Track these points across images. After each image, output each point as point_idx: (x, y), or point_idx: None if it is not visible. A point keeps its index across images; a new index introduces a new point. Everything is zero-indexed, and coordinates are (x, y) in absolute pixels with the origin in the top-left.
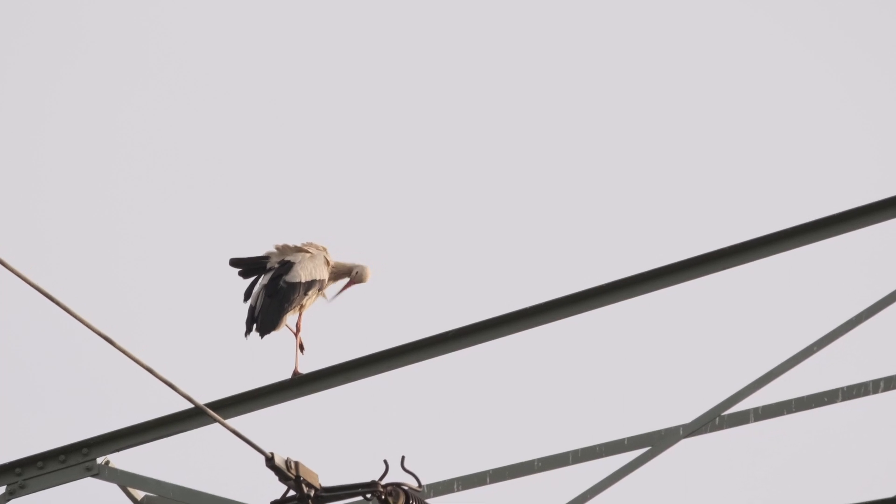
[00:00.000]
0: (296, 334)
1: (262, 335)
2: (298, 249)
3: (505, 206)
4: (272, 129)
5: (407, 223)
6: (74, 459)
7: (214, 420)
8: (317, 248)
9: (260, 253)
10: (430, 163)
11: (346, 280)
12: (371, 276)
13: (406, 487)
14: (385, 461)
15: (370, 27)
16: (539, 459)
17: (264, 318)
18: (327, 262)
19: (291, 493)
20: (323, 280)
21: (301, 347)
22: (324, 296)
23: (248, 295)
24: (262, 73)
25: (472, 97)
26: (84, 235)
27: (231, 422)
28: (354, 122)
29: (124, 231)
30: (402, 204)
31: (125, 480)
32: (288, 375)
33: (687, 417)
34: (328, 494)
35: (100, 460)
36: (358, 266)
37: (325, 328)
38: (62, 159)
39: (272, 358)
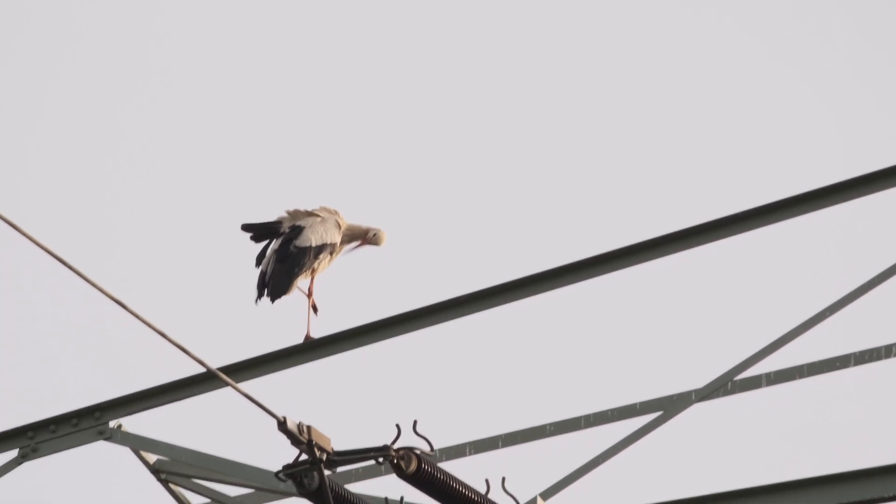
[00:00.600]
0: (308, 297)
1: (272, 300)
2: (309, 214)
3: (520, 172)
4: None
5: (420, 189)
6: (87, 423)
7: (226, 384)
8: (329, 211)
9: (272, 218)
10: (442, 134)
11: (360, 242)
12: (386, 239)
13: (418, 452)
14: (397, 425)
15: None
16: (551, 424)
17: (275, 282)
18: (339, 226)
19: (303, 456)
20: (334, 244)
21: (314, 308)
22: (338, 255)
23: (259, 260)
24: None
25: (477, 75)
26: (96, 198)
27: (243, 386)
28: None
29: (137, 195)
30: (414, 172)
31: (137, 444)
32: (300, 339)
33: (699, 382)
34: (340, 458)
35: (112, 424)
36: (374, 228)
37: (338, 292)
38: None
39: (284, 322)
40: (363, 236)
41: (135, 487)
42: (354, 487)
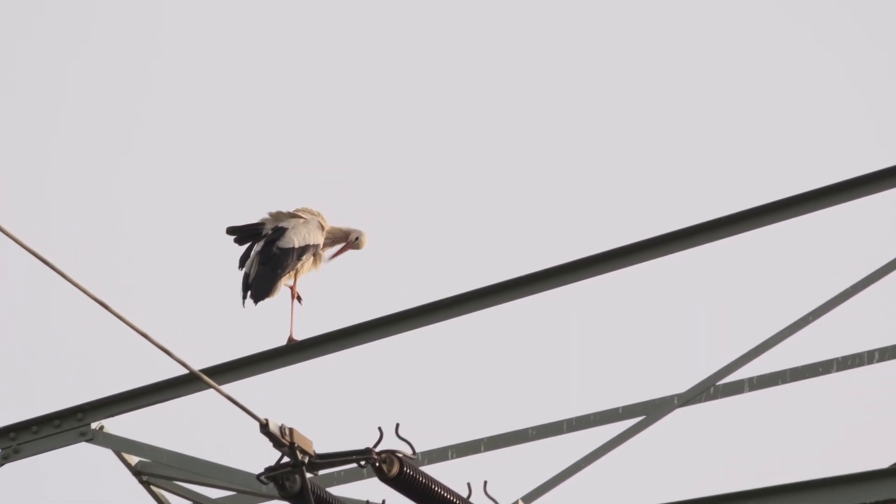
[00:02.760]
0: (292, 300)
1: (256, 302)
2: (292, 215)
3: (502, 176)
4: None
5: (403, 192)
6: (69, 424)
7: (209, 386)
8: (311, 212)
9: (255, 220)
10: (428, 136)
11: (342, 244)
12: (368, 242)
13: (400, 455)
14: (379, 428)
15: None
16: (533, 428)
17: (258, 284)
18: (322, 227)
19: (285, 459)
20: (317, 245)
21: (299, 299)
22: (320, 259)
23: (242, 262)
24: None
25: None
26: (81, 203)
27: (226, 388)
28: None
29: (122, 199)
30: (399, 173)
31: (119, 446)
32: (283, 342)
33: (682, 387)
34: (322, 461)
35: (94, 425)
36: (356, 231)
37: (321, 295)
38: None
39: (268, 324)
40: (345, 239)
41: (117, 489)
42: (336, 490)
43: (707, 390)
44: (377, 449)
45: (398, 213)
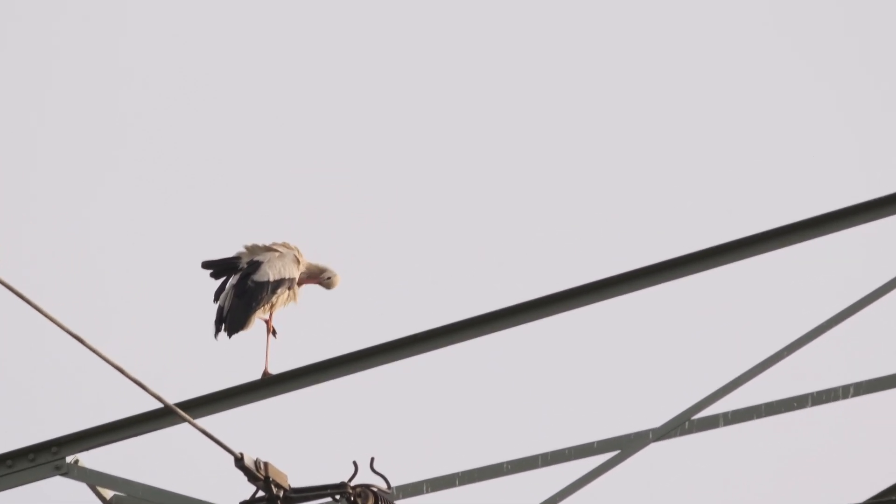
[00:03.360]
0: (267, 334)
1: (230, 335)
2: (268, 249)
3: (479, 207)
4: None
5: (390, 224)
6: (43, 458)
7: (184, 420)
8: (287, 247)
9: (231, 254)
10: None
11: (313, 280)
12: (338, 285)
13: (375, 489)
14: (354, 462)
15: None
16: (509, 462)
17: (232, 317)
18: (297, 261)
19: (260, 493)
20: (293, 279)
21: (273, 332)
22: (294, 295)
23: (217, 295)
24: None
25: (455, 96)
26: (56, 236)
27: (200, 422)
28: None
29: (97, 232)
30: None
31: (94, 479)
32: (258, 376)
33: (657, 421)
34: (297, 495)
35: (69, 459)
36: (329, 271)
37: (296, 329)
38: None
39: (242, 358)
40: (318, 276)
41: None
42: None
43: (682, 425)
44: (352, 483)
45: (374, 247)
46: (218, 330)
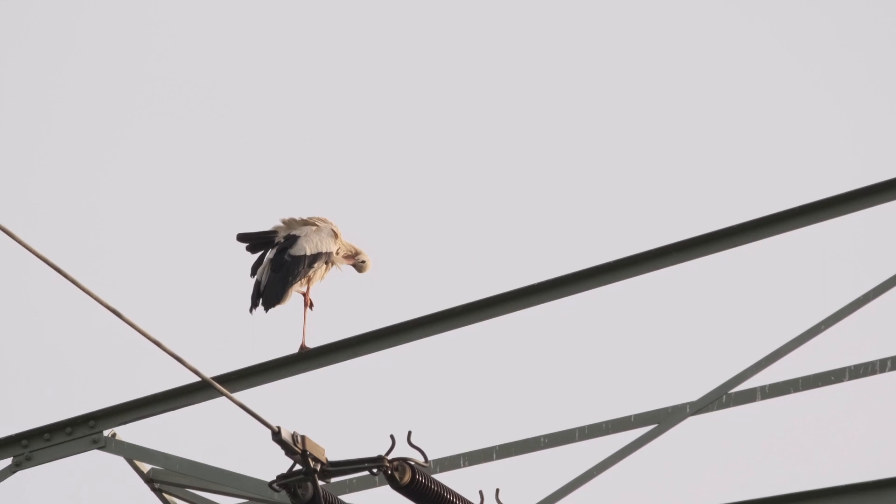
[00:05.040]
0: (304, 307)
1: (266, 309)
2: (305, 222)
3: (514, 186)
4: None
5: (424, 203)
6: (81, 432)
7: (221, 393)
8: (324, 220)
9: (267, 227)
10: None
11: (347, 260)
12: (370, 269)
13: (412, 463)
14: (391, 436)
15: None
16: (545, 436)
17: (269, 292)
18: (335, 235)
19: (297, 467)
20: (330, 253)
21: (311, 305)
22: (336, 267)
23: (255, 269)
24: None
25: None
26: (93, 205)
27: (238, 395)
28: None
29: (134, 207)
30: (416, 185)
31: (131, 453)
32: (295, 349)
33: (694, 395)
34: (334, 469)
35: (106, 433)
36: (363, 254)
37: (334, 303)
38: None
39: (280, 332)
40: (353, 257)
41: (129, 497)
42: (349, 498)
43: (719, 398)
44: (389, 456)
45: (413, 222)
46: (255, 304)
